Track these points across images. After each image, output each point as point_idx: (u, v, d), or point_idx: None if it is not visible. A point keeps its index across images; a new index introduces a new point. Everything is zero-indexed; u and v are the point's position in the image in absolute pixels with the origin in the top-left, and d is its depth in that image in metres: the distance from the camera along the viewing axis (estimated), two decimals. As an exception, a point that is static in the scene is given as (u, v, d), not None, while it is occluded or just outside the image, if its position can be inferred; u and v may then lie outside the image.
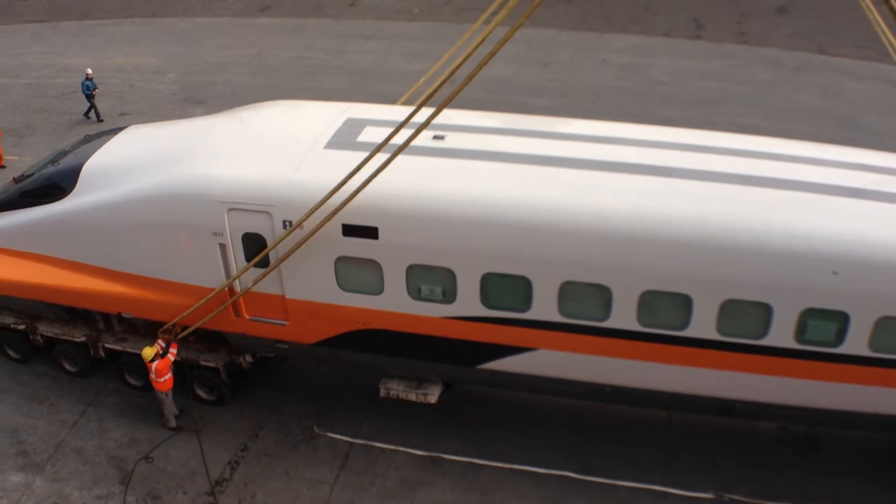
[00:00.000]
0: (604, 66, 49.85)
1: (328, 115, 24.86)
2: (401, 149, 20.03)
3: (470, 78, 18.31)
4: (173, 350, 24.90)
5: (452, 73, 19.46)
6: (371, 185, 21.18)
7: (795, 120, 42.21)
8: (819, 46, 51.86)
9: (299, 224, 21.21)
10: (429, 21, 60.43)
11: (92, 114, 47.53)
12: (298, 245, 21.33)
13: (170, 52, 57.51)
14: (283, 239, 21.65)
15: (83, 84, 46.03)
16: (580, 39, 54.10)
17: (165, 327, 25.12)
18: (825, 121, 42.47)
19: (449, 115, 24.72)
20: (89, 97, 46.76)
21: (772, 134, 25.98)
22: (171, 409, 25.97)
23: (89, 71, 45.66)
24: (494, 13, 23.11)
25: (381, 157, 20.78)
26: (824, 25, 31.69)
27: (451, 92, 18.79)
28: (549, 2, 61.75)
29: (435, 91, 19.61)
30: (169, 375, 24.99)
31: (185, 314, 24.00)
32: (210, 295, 23.31)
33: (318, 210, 21.03)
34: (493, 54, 18.27)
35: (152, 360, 24.66)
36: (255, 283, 22.51)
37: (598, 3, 62.33)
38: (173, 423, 26.07)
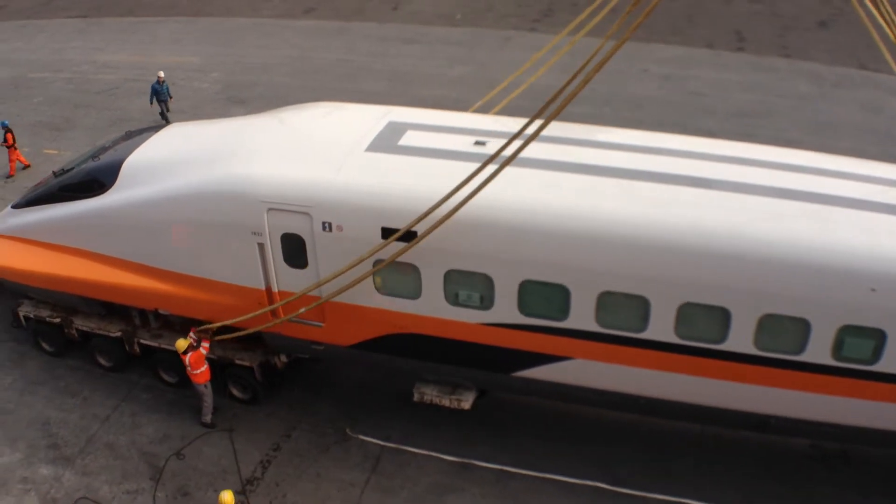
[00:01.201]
0: (645, 76, 49.68)
1: (370, 117, 24.85)
2: (509, 160, 19.82)
3: (574, 94, 18.60)
4: (205, 344, 24.94)
5: (566, 86, 19.06)
6: (411, 189, 21.23)
7: (835, 135, 41.90)
8: (860, 62, 51.45)
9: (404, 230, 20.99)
10: (471, 27, 60.40)
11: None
12: (397, 255, 21.21)
13: (213, 51, 57.76)
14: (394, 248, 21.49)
15: (153, 87, 45.33)
16: (623, 48, 53.59)
17: (202, 328, 25.22)
18: (865, 136, 42.09)
19: (492, 121, 24.77)
20: (161, 101, 45.78)
21: (811, 148, 25.74)
22: (210, 401, 25.96)
23: (161, 74, 45.11)
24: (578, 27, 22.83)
25: (418, 161, 20.93)
26: (865, 41, 31.42)
27: (557, 107, 18.77)
28: (592, 11, 62.03)
29: (547, 106, 19.29)
30: (205, 367, 25.04)
31: (265, 325, 24.11)
32: (285, 300, 23.41)
33: (358, 213, 21.33)
34: (598, 68, 18.13)
35: (185, 352, 24.73)
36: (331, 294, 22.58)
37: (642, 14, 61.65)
38: (209, 419, 26.10)
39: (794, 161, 22.76)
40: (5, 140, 41.11)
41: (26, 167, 42.18)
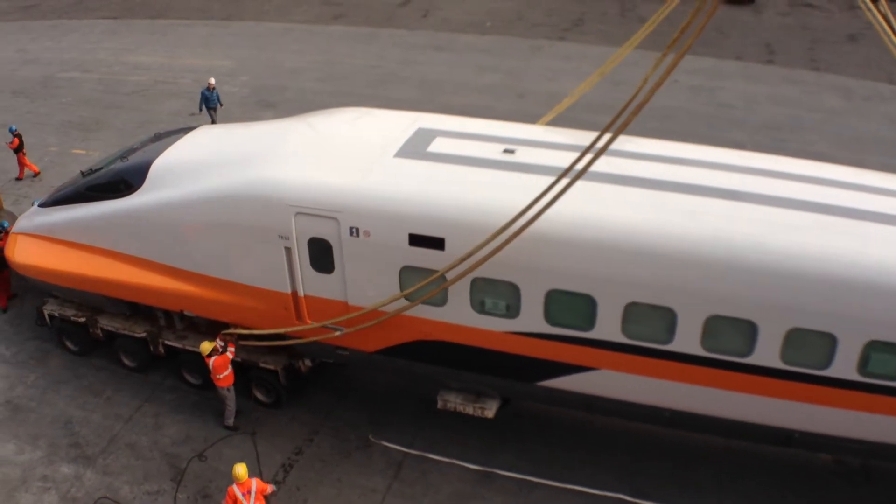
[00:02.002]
0: (675, 87, 49.45)
1: (399, 123, 24.84)
2: (580, 173, 19.52)
3: (640, 106, 18.35)
4: (231, 349, 24.96)
5: (638, 101, 18.93)
6: (439, 196, 21.23)
7: (864, 149, 41.65)
8: (889, 76, 51.16)
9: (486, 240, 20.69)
10: (500, 35, 60.37)
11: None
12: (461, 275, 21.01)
13: (243, 55, 57.88)
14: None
15: (203, 94, 44.83)
16: (652, 59, 53.44)
17: (228, 332, 25.27)
18: (894, 150, 41.84)
19: (521, 130, 24.72)
20: (210, 109, 45.22)
21: (841, 162, 25.63)
22: (233, 405, 25.99)
23: (212, 81, 44.90)
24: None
25: (447, 167, 20.93)
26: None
27: (624, 120, 18.68)
28: (621, 21, 62.07)
29: (616, 119, 19.18)
30: (228, 371, 25.03)
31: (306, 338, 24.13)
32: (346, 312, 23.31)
33: (386, 218, 21.38)
34: (661, 81, 17.97)
35: (209, 356, 24.74)
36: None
37: (672, 25, 61.43)
38: (231, 422, 26.12)
39: (824, 175, 22.61)
40: (12, 143, 41.02)
41: (36, 174, 42.10)
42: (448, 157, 22.86)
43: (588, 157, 19.40)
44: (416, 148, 23.38)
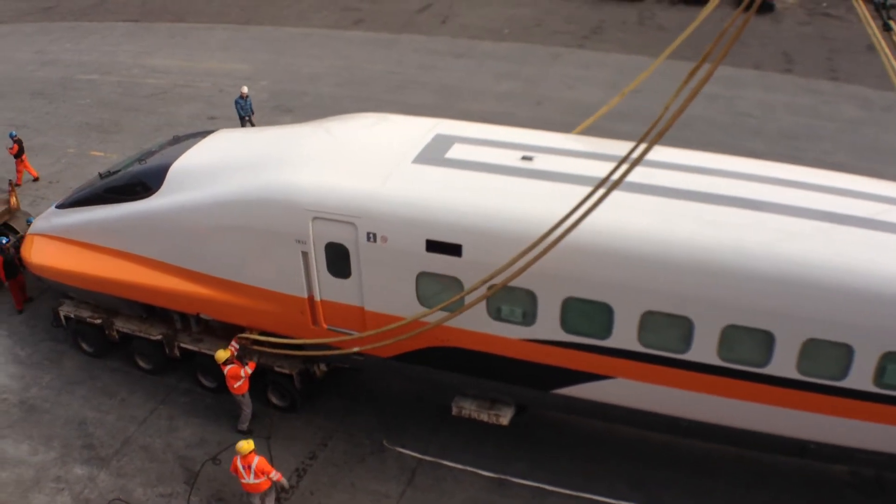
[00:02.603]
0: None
1: (417, 129, 24.85)
2: (618, 182, 19.26)
3: (676, 115, 18.27)
4: (250, 368, 24.94)
5: (680, 112, 18.84)
6: (457, 202, 21.24)
7: (884, 159, 41.42)
8: (909, 87, 50.99)
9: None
10: (519, 42, 60.29)
11: None
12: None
13: (262, 59, 57.93)
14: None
15: (237, 102, 44.36)
16: (671, 67, 53.40)
17: (243, 335, 25.33)
18: (913, 162, 41.71)
19: (539, 137, 24.69)
20: (243, 118, 44.70)
21: (859, 173, 25.51)
22: (249, 411, 26.02)
23: (245, 90, 44.63)
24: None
25: (465, 174, 21.11)
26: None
27: (660, 130, 18.55)
28: (640, 29, 61.95)
29: (651, 131, 19.09)
30: (243, 381, 25.00)
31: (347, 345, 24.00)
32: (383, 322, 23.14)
33: (404, 224, 21.48)
34: (695, 92, 18.02)
35: (225, 363, 24.73)
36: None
37: (692, 33, 61.45)
38: (246, 426, 26.14)
39: (841, 185, 22.53)
40: (12, 149, 40.89)
41: (35, 179, 41.96)
42: (466, 163, 22.85)
43: (622, 167, 19.28)
44: (434, 154, 23.37)
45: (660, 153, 23.53)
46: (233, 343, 25.03)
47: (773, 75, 53.58)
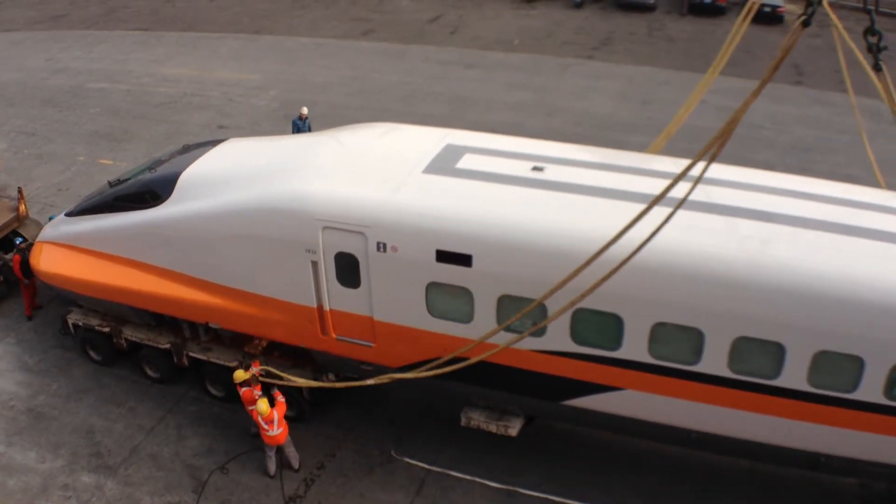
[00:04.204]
0: (703, 107, 49.17)
1: (428, 139, 24.83)
2: (680, 203, 18.61)
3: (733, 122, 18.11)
4: (258, 392, 24.52)
5: (731, 125, 18.68)
6: (466, 212, 21.19)
7: (894, 171, 41.38)
8: (918, 100, 50.93)
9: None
10: (529, 53, 60.43)
11: None
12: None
13: (272, 69, 58.10)
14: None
15: (294, 123, 43.39)
16: (681, 79, 53.77)
17: (254, 343, 25.32)
18: (925, 174, 41.61)
19: (550, 147, 24.64)
20: None
21: (869, 185, 25.46)
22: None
23: (304, 111, 43.61)
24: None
25: (475, 184, 21.05)
26: (927, 79, 31.24)
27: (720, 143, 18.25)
28: (649, 40, 62.01)
29: (711, 146, 18.97)
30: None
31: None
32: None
33: (414, 234, 21.42)
34: (744, 108, 17.83)
35: (241, 385, 24.56)
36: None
37: (701, 44, 62.00)
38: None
39: (852, 196, 22.50)
40: None
41: None
42: (477, 173, 22.80)
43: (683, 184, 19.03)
44: (444, 164, 23.34)
45: (665, 164, 23.47)
46: (252, 369, 24.83)
47: (784, 87, 53.66)
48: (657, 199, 18.36)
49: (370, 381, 22.72)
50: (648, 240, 18.39)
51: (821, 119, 48.67)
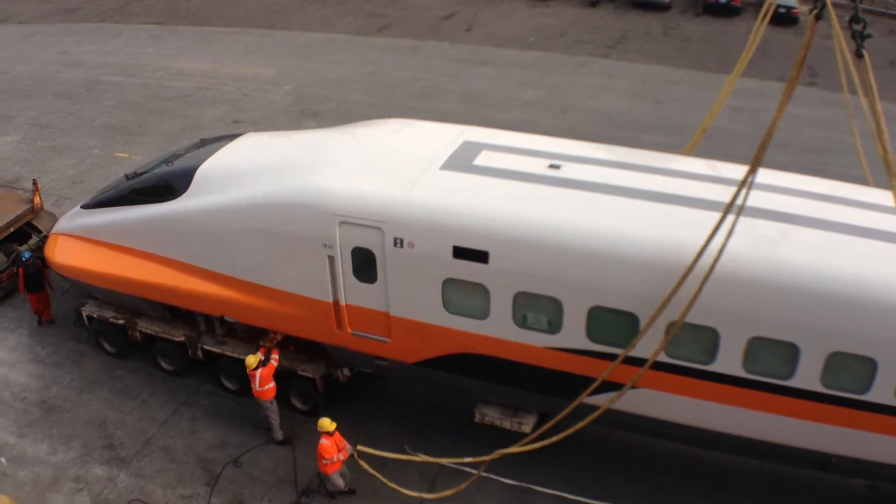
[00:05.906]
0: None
1: (445, 136, 24.86)
2: (740, 209, 19.10)
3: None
4: (275, 356, 24.95)
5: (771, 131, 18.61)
6: (483, 209, 21.20)
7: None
8: (930, 102, 50.88)
9: None
10: (543, 51, 60.41)
11: None
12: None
13: (287, 64, 58.18)
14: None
15: None
16: (695, 79, 53.74)
17: (269, 336, 25.37)
18: (937, 176, 41.47)
19: (566, 145, 24.63)
20: None
21: (883, 187, 25.44)
22: (277, 418, 25.84)
23: None
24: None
25: (492, 181, 21.17)
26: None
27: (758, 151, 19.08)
28: (664, 40, 61.92)
29: (760, 157, 18.93)
30: (272, 384, 24.97)
31: None
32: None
33: (431, 230, 21.43)
34: (780, 110, 17.84)
35: (255, 369, 24.68)
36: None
37: (715, 44, 61.94)
38: (281, 436, 26.03)
39: (867, 199, 22.50)
40: None
41: None
42: (493, 170, 22.82)
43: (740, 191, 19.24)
44: (461, 161, 23.35)
45: (683, 163, 23.48)
46: (261, 350, 25.03)
47: (797, 88, 53.31)
48: (728, 209, 19.05)
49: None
50: (722, 248, 19.00)
51: (833, 121, 48.43)
